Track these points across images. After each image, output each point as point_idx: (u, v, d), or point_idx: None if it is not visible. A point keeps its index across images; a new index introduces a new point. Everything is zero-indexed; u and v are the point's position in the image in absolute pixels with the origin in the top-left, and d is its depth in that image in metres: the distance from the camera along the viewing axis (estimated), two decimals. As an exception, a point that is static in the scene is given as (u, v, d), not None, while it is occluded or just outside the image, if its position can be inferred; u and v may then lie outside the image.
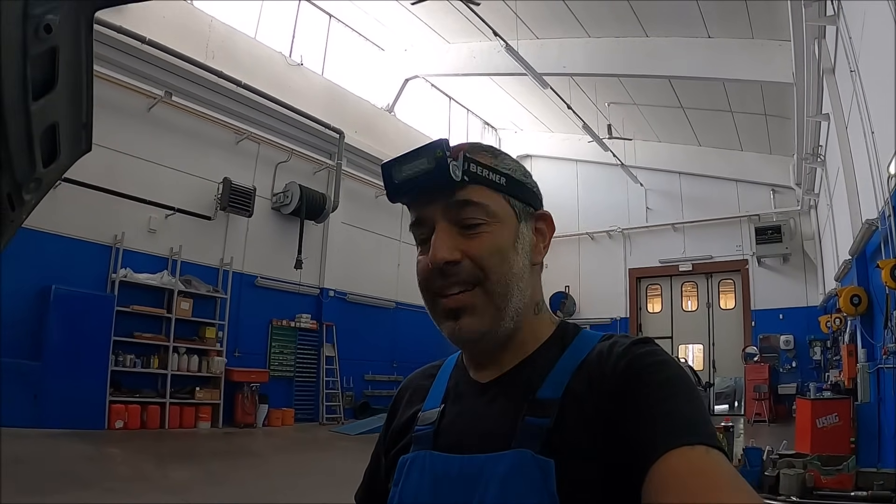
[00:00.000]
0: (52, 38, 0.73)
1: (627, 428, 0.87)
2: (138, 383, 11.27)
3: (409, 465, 1.05)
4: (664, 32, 13.44)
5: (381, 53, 18.03)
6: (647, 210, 20.78)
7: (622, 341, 1.02)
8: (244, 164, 13.81)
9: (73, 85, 0.84)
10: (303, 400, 14.66)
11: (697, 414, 0.87)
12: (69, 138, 0.91)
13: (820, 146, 12.74)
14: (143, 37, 11.21)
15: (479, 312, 1.03)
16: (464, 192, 1.04)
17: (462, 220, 1.04)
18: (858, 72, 7.86)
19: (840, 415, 8.55)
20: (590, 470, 0.89)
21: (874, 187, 7.46)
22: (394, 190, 1.08)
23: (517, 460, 0.92)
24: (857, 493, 4.16)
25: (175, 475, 7.78)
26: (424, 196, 1.06)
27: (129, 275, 11.31)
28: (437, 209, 1.05)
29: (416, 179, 1.04)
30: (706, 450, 0.79)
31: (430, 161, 1.02)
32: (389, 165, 1.08)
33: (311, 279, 15.17)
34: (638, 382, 0.91)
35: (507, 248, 1.06)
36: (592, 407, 0.93)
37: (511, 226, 1.08)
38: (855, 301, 8.60)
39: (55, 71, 0.78)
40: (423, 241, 1.08)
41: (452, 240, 1.03)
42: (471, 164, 1.04)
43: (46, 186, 0.96)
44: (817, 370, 16.35)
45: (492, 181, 1.06)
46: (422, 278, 1.08)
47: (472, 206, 1.04)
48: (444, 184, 1.02)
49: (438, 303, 1.06)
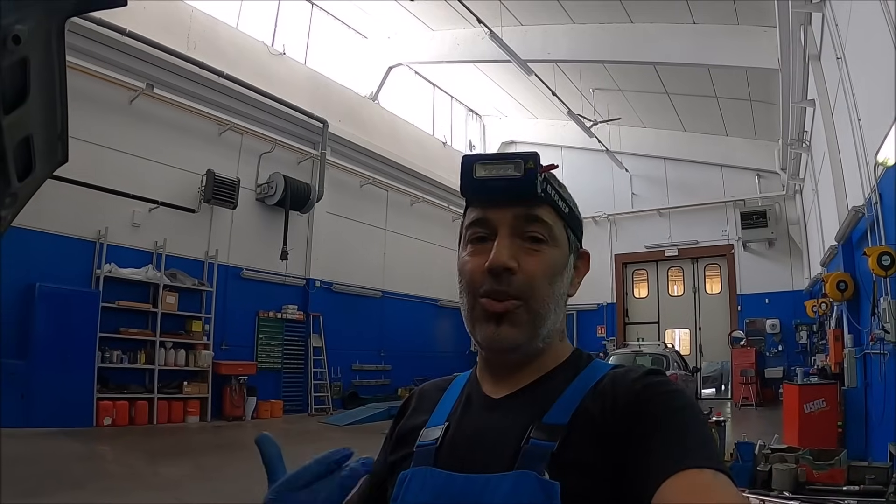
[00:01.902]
0: (22, 49, 0.69)
1: (636, 451, 0.87)
2: (126, 379, 11.20)
3: (409, 482, 1.02)
4: (649, 18, 13.43)
5: (365, 41, 17.93)
6: (633, 196, 20.88)
7: (637, 369, 1.02)
8: (227, 155, 13.69)
9: (46, 96, 0.80)
10: (291, 391, 14.63)
11: (706, 442, 0.87)
12: (44, 150, 0.86)
13: (805, 132, 12.79)
14: (124, 28, 11.05)
15: (519, 325, 1.03)
16: (537, 209, 1.06)
17: (526, 234, 1.05)
18: (845, 58, 7.87)
19: (827, 400, 8.62)
20: (596, 492, 0.88)
21: (860, 174, 7.49)
22: (470, 184, 1.06)
23: (520, 482, 0.91)
24: (850, 487, 4.20)
25: (166, 472, 7.73)
26: (497, 200, 1.06)
27: (114, 270, 11.20)
28: (507, 216, 1.05)
29: (499, 181, 1.04)
30: (714, 473, 0.79)
31: (519, 169, 1.03)
32: (473, 160, 1.07)
33: (297, 270, 15.11)
34: (651, 406, 0.92)
35: (557, 273, 1.07)
36: (603, 428, 0.93)
37: (564, 253, 1.10)
38: (841, 287, 8.65)
39: (27, 82, 0.74)
40: (477, 240, 1.08)
41: (514, 249, 1.03)
42: (548, 185, 1.07)
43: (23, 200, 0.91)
44: (803, 354, 16.54)
45: (559, 207, 1.09)
46: (470, 278, 1.06)
47: (541, 223, 1.06)
48: (523, 195, 1.04)
49: (479, 304, 1.05)
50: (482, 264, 1.03)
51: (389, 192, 17.92)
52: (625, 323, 20.98)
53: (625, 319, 21.06)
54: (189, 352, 12.23)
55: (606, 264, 21.10)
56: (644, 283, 21.31)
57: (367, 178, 17.13)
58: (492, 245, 1.04)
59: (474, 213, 1.09)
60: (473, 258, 1.07)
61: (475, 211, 1.09)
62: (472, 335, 1.08)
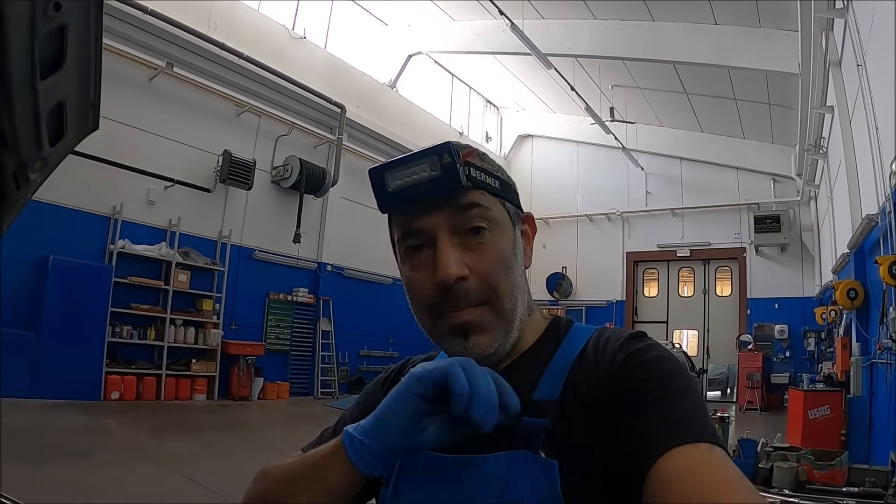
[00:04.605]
0: (62, 17, 0.72)
1: (628, 425, 0.84)
2: (135, 355, 11.30)
3: (401, 465, 0.99)
4: (671, 17, 13.35)
5: (385, 28, 17.89)
6: (647, 194, 20.75)
7: (617, 335, 0.98)
8: (244, 136, 13.75)
9: (82, 63, 0.82)
10: (298, 374, 14.71)
11: (698, 410, 0.84)
12: (76, 117, 0.89)
13: (822, 138, 12.70)
14: (145, 7, 11.09)
15: (489, 330, 0.97)
16: (468, 196, 0.97)
17: (466, 225, 0.97)
18: (865, 66, 7.81)
19: (832, 407, 8.60)
20: (592, 468, 0.86)
21: (875, 182, 7.43)
22: (387, 199, 0.98)
23: (517, 461, 0.89)
24: (849, 488, 4.20)
25: (170, 447, 7.82)
26: (423, 204, 0.96)
27: (128, 246, 11.29)
28: (439, 219, 0.96)
29: (418, 187, 0.95)
30: (709, 447, 0.77)
31: (435, 167, 0.94)
32: (381, 171, 0.97)
33: (309, 253, 15.18)
34: (636, 379, 0.88)
35: (509, 257, 1.00)
36: (592, 404, 0.91)
37: (508, 231, 1.02)
38: (851, 295, 8.61)
39: (63, 49, 0.76)
40: (415, 249, 0.99)
41: (458, 254, 0.96)
42: (471, 170, 0.96)
43: (52, 165, 0.95)
44: (811, 361, 16.44)
45: (488, 185, 0.99)
46: (420, 297, 0.99)
47: (478, 208, 0.97)
48: (450, 190, 0.95)
49: (441, 321, 0.98)
50: (429, 278, 0.96)
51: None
52: (633, 321, 20.88)
53: (634, 318, 20.97)
54: (199, 330, 12.31)
55: (618, 261, 21.03)
56: (654, 282, 21.21)
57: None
58: (432, 253, 0.96)
59: (402, 225, 1.00)
60: (417, 272, 0.99)
61: (402, 222, 1.00)
62: (442, 349, 1.03)
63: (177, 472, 6.50)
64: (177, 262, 11.94)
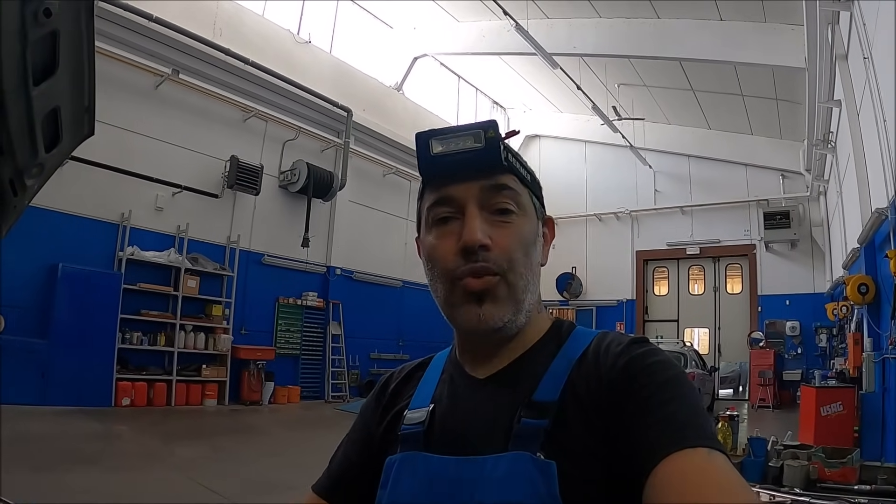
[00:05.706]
0: (53, 22, 0.72)
1: (628, 430, 0.85)
2: (145, 361, 11.34)
3: (399, 467, 1.01)
4: (676, 14, 13.32)
5: (390, 31, 17.92)
6: (656, 192, 20.71)
7: (619, 340, 0.99)
8: (252, 141, 13.79)
9: (75, 68, 0.83)
10: (308, 378, 14.73)
11: (698, 416, 0.85)
12: (71, 122, 0.90)
13: (831, 132, 12.62)
14: (150, 14, 11.14)
15: (501, 302, 0.99)
16: (503, 178, 1.02)
17: (495, 205, 1.01)
18: (872, 59, 7.76)
19: (844, 403, 8.53)
20: (591, 471, 0.87)
21: (885, 176, 7.39)
22: (429, 162, 1.02)
23: (516, 462, 0.90)
24: (861, 486, 4.16)
25: (182, 452, 7.84)
26: (460, 175, 1.01)
27: (137, 252, 11.33)
28: (473, 190, 1.01)
29: (460, 156, 1.00)
30: (708, 452, 0.78)
31: (479, 139, 0.99)
32: (427, 136, 1.03)
33: (317, 257, 15.20)
34: (637, 384, 0.89)
35: (530, 242, 1.03)
36: (591, 407, 0.91)
37: (533, 221, 1.06)
38: (862, 290, 8.56)
39: (56, 55, 0.77)
40: (442, 220, 1.03)
41: (485, 224, 0.99)
42: (509, 154, 1.02)
43: (49, 171, 0.95)
44: (822, 357, 16.36)
45: (522, 175, 1.05)
46: (444, 263, 1.01)
47: (509, 191, 1.02)
48: (489, 165, 1.00)
49: (458, 286, 1.00)
50: (454, 245, 0.99)
51: (412, 182, 17.85)
52: (644, 320, 20.84)
53: (644, 317, 20.92)
54: (208, 335, 12.34)
55: (627, 260, 21.02)
56: (665, 280, 21.15)
57: (390, 167, 17.16)
58: (459, 224, 1.00)
59: (436, 192, 1.04)
60: (442, 241, 1.02)
61: (436, 190, 1.04)
62: (452, 321, 1.04)
63: (189, 477, 6.52)
64: (186, 268, 11.97)
